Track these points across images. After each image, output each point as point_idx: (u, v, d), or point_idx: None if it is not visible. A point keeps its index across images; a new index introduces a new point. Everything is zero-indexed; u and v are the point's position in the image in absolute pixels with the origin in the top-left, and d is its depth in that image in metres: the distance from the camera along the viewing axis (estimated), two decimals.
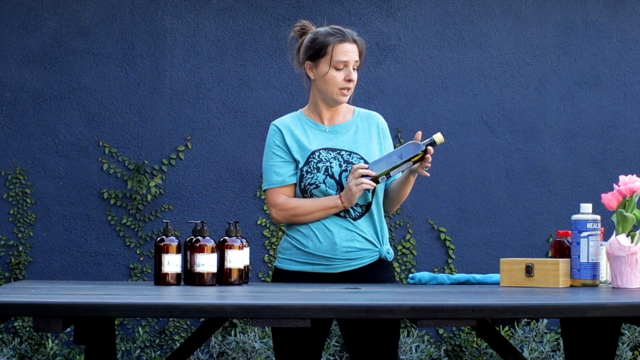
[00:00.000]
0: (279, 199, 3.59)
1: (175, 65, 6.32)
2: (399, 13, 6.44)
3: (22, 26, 6.24)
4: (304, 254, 3.58)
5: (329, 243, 3.55)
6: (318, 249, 3.56)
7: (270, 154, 3.63)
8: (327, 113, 3.66)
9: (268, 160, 3.63)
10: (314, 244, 3.56)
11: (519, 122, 6.51)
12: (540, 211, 6.51)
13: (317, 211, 3.54)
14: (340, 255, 3.56)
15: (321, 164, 3.57)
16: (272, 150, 3.63)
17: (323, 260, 3.56)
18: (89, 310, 2.62)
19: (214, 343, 6.11)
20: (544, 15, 6.54)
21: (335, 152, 3.60)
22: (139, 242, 6.28)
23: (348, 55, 3.57)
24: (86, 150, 6.26)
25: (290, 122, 3.65)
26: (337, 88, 3.58)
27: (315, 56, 3.59)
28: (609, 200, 3.32)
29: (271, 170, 3.61)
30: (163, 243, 3.35)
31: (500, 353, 3.34)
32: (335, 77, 3.58)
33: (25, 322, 6.16)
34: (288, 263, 3.60)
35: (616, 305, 2.78)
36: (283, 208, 3.58)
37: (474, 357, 6.34)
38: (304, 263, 3.57)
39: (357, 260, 3.58)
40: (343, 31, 3.60)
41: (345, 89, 3.58)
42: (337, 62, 3.56)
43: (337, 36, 3.58)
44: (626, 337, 6.25)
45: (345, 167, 3.57)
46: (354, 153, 3.61)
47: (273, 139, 3.63)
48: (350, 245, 3.56)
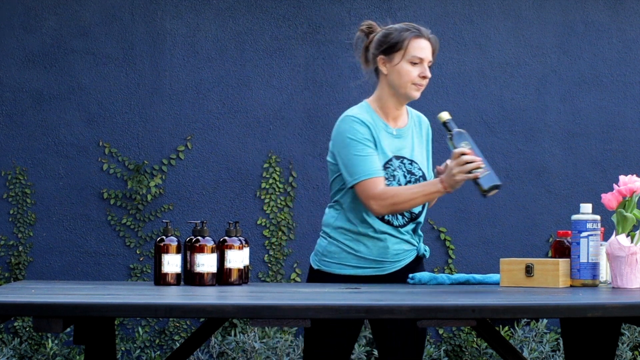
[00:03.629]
0: (376, 189, 3.44)
1: (175, 66, 6.32)
2: (399, 13, 6.44)
3: (22, 26, 6.24)
4: (355, 257, 3.54)
5: (381, 247, 3.54)
6: (370, 253, 3.54)
7: (357, 144, 3.48)
8: (394, 112, 3.58)
9: (357, 151, 3.47)
10: (366, 248, 3.54)
11: (519, 122, 6.51)
12: (540, 211, 6.51)
13: (418, 197, 3.44)
14: (390, 258, 3.56)
15: (395, 173, 3.52)
16: (360, 141, 3.48)
17: (374, 264, 3.55)
18: (89, 310, 2.62)
19: (214, 343, 6.11)
20: (544, 15, 6.54)
21: (399, 161, 3.56)
22: (139, 242, 6.28)
23: (424, 51, 3.52)
24: (86, 151, 6.26)
25: (370, 118, 3.54)
26: (410, 82, 3.52)
27: (390, 50, 3.54)
28: (609, 200, 3.32)
29: (365, 160, 3.46)
30: (163, 243, 3.35)
31: (500, 353, 3.34)
32: (409, 72, 3.52)
33: (25, 322, 6.16)
34: (337, 267, 3.55)
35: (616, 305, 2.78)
36: (383, 197, 3.44)
37: (474, 357, 6.34)
38: (354, 267, 3.55)
39: (402, 261, 3.59)
40: (419, 28, 3.55)
41: (419, 84, 3.53)
42: (412, 57, 3.51)
43: (413, 31, 3.54)
44: (626, 337, 6.25)
45: (409, 177, 3.54)
46: (414, 162, 3.58)
47: (359, 130, 3.50)
48: (398, 248, 3.57)
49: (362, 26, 3.71)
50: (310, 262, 3.66)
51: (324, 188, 6.34)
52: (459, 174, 3.37)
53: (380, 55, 3.57)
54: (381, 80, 3.59)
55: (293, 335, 6.13)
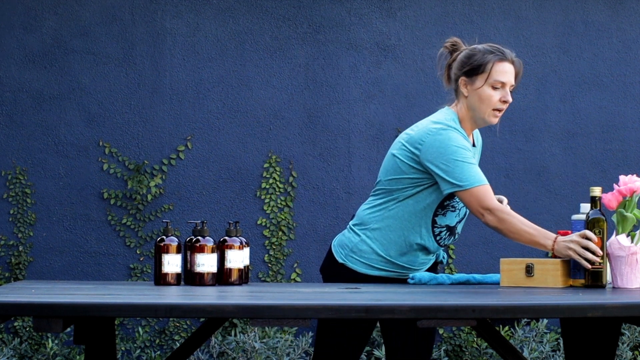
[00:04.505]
0: (494, 201, 3.42)
1: (175, 66, 6.32)
2: (399, 13, 6.44)
3: (22, 26, 6.24)
4: (384, 261, 3.53)
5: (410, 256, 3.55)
6: (399, 259, 3.54)
7: (464, 151, 3.42)
8: (471, 130, 3.55)
9: (465, 158, 3.42)
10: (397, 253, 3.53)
11: (518, 122, 6.51)
12: (540, 211, 6.51)
13: (525, 239, 3.39)
14: (417, 266, 3.58)
15: None
16: (466, 149, 3.43)
17: (400, 269, 3.56)
18: (89, 310, 2.62)
19: (214, 343, 6.11)
20: (544, 15, 6.54)
21: None
22: (139, 242, 6.28)
23: (506, 75, 3.48)
24: (86, 150, 6.26)
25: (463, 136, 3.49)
26: (490, 108, 3.48)
27: (472, 72, 3.51)
28: (609, 200, 3.32)
29: (474, 167, 3.43)
30: (163, 243, 3.35)
31: (500, 353, 3.34)
32: (491, 96, 3.47)
33: (25, 322, 6.16)
34: (365, 267, 3.54)
35: (616, 305, 2.78)
36: (498, 214, 3.40)
37: (474, 357, 6.34)
38: (381, 269, 3.54)
39: (424, 266, 3.62)
40: (503, 50, 3.52)
41: (498, 110, 3.48)
42: (495, 81, 3.47)
43: (497, 54, 3.51)
44: (626, 337, 6.25)
45: None
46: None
47: (462, 140, 3.44)
48: (425, 258, 3.59)
49: (446, 43, 3.67)
50: (333, 252, 3.59)
51: (324, 188, 6.34)
52: (573, 251, 3.29)
53: (462, 76, 3.53)
54: (460, 101, 3.55)
55: (293, 335, 6.13)
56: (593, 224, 3.27)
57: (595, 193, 3.31)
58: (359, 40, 6.40)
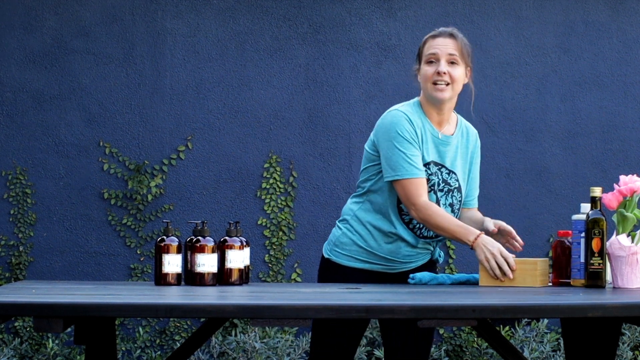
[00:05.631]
0: (420, 199, 3.42)
1: (176, 66, 6.32)
2: (399, 13, 6.44)
3: (22, 26, 6.24)
4: (365, 252, 3.54)
5: (393, 247, 3.53)
6: (381, 250, 3.53)
7: (403, 140, 3.44)
8: (436, 116, 3.54)
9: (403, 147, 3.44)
10: (377, 244, 3.53)
11: (519, 122, 6.51)
12: (540, 211, 6.51)
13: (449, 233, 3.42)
14: (401, 258, 3.55)
15: (432, 177, 3.49)
16: (405, 137, 3.44)
17: (383, 261, 3.55)
18: (89, 310, 2.62)
19: (215, 343, 6.11)
20: (544, 15, 6.54)
21: (437, 167, 3.52)
22: (139, 242, 6.28)
23: (437, 48, 3.47)
24: (86, 151, 6.26)
25: (417, 117, 3.49)
26: (429, 82, 3.48)
27: (417, 59, 3.54)
28: (610, 200, 3.32)
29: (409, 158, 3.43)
30: (163, 243, 3.35)
31: (500, 353, 3.34)
32: (427, 71, 3.48)
33: (25, 322, 6.16)
34: (347, 259, 3.55)
35: (616, 305, 2.78)
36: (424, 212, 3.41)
37: (474, 357, 6.34)
38: (363, 261, 3.54)
39: (414, 262, 3.59)
40: (441, 29, 3.53)
41: (436, 82, 3.46)
42: (427, 56, 3.49)
43: (432, 33, 3.52)
44: (626, 337, 6.25)
45: (442, 186, 3.51)
46: (453, 173, 3.54)
47: (406, 127, 3.46)
48: (411, 250, 3.56)
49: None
50: (323, 249, 3.65)
51: (325, 188, 6.34)
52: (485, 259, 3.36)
53: (415, 66, 3.57)
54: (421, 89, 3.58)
55: (293, 335, 6.13)
56: (593, 224, 3.27)
57: (595, 193, 3.31)
58: (359, 40, 6.40)
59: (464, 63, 3.51)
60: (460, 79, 3.51)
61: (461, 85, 3.53)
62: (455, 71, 3.48)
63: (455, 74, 3.48)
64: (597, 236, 3.26)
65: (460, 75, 3.50)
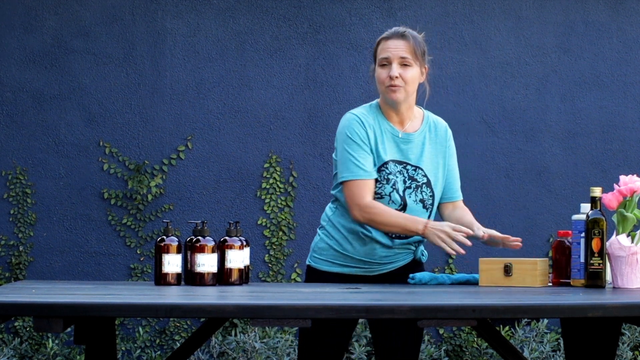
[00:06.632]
0: (364, 200, 3.44)
1: (176, 66, 6.32)
2: (399, 13, 6.44)
3: (22, 26, 6.24)
4: (341, 256, 3.54)
5: (368, 249, 3.53)
6: (356, 253, 3.53)
7: (352, 142, 3.47)
8: (395, 116, 3.54)
9: (352, 150, 3.46)
10: (352, 247, 3.53)
11: (519, 122, 6.51)
12: (540, 211, 6.51)
13: (397, 227, 3.44)
14: (377, 260, 3.54)
15: (391, 177, 3.48)
16: (356, 140, 3.47)
17: (360, 264, 3.54)
18: (89, 310, 2.62)
19: (215, 343, 6.11)
20: (544, 15, 6.54)
21: (401, 166, 3.51)
22: (139, 242, 6.28)
23: (389, 51, 3.46)
24: (86, 150, 6.26)
25: (372, 118, 3.51)
26: (383, 86, 3.48)
27: (374, 62, 3.54)
28: (610, 200, 3.32)
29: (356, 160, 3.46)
30: (163, 243, 3.35)
31: (500, 353, 3.34)
32: (380, 74, 3.49)
33: (25, 322, 6.16)
34: (324, 264, 3.57)
35: (616, 305, 2.78)
36: (366, 211, 3.43)
37: (474, 357, 6.34)
38: (341, 265, 3.55)
39: (393, 264, 3.57)
40: (393, 30, 3.52)
41: (390, 86, 3.46)
42: (380, 60, 3.49)
43: (385, 35, 3.52)
44: (626, 337, 6.25)
45: (409, 183, 3.50)
46: (419, 168, 3.53)
47: (356, 129, 3.48)
48: (388, 251, 3.55)
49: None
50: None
51: (325, 188, 6.34)
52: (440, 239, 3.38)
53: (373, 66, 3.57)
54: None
55: (293, 335, 6.13)
56: (593, 224, 3.27)
57: (595, 193, 3.31)
58: (359, 40, 6.40)
59: (418, 63, 3.50)
60: (413, 80, 3.50)
61: (416, 85, 3.52)
62: (407, 73, 3.47)
63: (407, 75, 3.47)
64: (597, 236, 3.26)
65: (413, 76, 3.49)
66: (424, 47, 3.53)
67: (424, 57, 3.53)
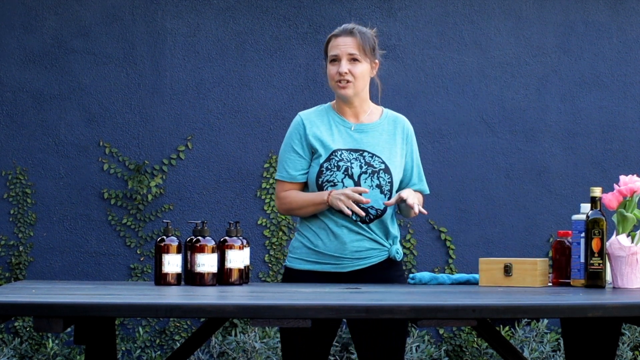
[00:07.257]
0: (281, 192, 3.61)
1: (176, 65, 6.32)
2: (399, 13, 6.44)
3: (22, 26, 6.24)
4: (314, 252, 3.57)
5: (338, 243, 3.55)
6: (327, 249, 3.56)
7: (288, 146, 3.63)
8: (349, 110, 3.64)
9: (285, 153, 3.63)
10: (323, 243, 3.56)
11: (519, 122, 6.51)
12: (540, 211, 6.51)
13: (307, 206, 3.56)
14: (349, 255, 3.56)
15: (342, 163, 3.55)
16: (291, 144, 3.63)
17: (332, 260, 3.56)
18: (89, 310, 2.62)
19: (215, 343, 6.11)
20: (544, 15, 6.54)
21: (357, 153, 3.58)
22: (139, 242, 6.28)
23: (338, 48, 3.58)
24: (86, 150, 6.26)
25: (316, 116, 3.65)
26: (333, 82, 3.60)
27: (325, 59, 3.65)
28: (610, 200, 3.32)
29: (285, 163, 3.61)
30: (163, 243, 3.35)
31: (500, 353, 3.34)
32: (330, 71, 3.61)
33: (25, 322, 6.16)
34: (298, 262, 3.60)
35: (616, 305, 2.78)
36: (282, 202, 3.62)
37: (474, 357, 6.34)
38: (314, 262, 3.57)
39: (365, 260, 3.57)
40: (342, 27, 3.63)
41: (340, 81, 3.57)
42: (330, 57, 3.61)
43: (334, 32, 3.63)
44: (626, 337, 6.25)
45: (365, 169, 3.56)
46: (376, 156, 3.59)
47: (295, 132, 3.63)
48: (359, 245, 3.56)
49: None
50: None
51: None
52: (342, 202, 3.47)
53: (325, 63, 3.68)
54: None
55: None
56: (593, 224, 3.27)
57: (595, 193, 3.31)
58: None
59: (367, 59, 3.63)
60: (363, 75, 3.62)
61: (366, 80, 3.65)
62: (356, 69, 3.60)
63: (356, 71, 3.60)
64: (597, 236, 3.27)
65: (363, 71, 3.62)
66: (374, 42, 3.68)
67: (374, 53, 3.68)
